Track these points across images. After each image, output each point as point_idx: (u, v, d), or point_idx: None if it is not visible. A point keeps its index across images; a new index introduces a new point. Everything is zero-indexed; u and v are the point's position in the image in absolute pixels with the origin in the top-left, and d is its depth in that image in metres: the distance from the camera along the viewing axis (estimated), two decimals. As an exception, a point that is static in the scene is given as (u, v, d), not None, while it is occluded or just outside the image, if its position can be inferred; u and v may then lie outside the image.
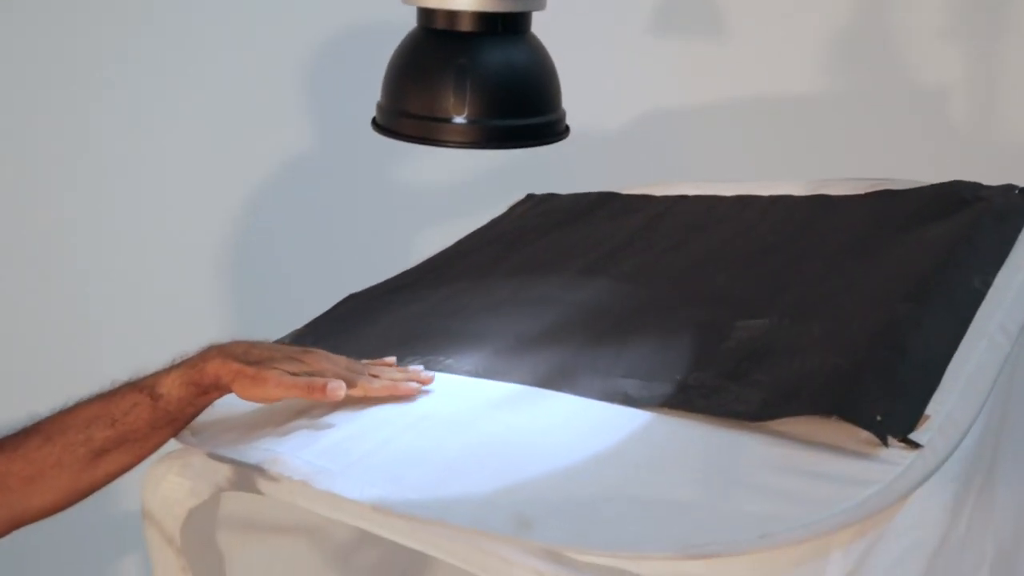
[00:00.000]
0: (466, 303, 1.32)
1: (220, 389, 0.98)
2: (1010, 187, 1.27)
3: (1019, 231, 1.17)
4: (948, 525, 0.89)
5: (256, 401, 0.99)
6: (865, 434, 0.84)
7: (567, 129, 1.07)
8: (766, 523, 0.77)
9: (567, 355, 1.10)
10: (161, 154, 1.96)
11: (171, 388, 0.96)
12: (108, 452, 0.95)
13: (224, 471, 1.11)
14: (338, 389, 0.96)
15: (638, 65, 2.19)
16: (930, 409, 0.88)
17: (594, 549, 0.78)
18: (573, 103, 1.03)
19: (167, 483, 1.23)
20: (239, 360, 0.97)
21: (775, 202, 1.42)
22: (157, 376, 0.98)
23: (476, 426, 0.99)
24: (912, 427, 0.85)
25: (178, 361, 1.00)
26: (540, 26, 1.04)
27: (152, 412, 0.96)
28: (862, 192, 1.37)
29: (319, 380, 0.96)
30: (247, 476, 1.08)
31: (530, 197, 1.69)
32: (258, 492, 1.07)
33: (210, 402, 1.00)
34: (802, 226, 1.32)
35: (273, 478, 1.02)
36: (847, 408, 0.86)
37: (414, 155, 2.15)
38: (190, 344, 1.04)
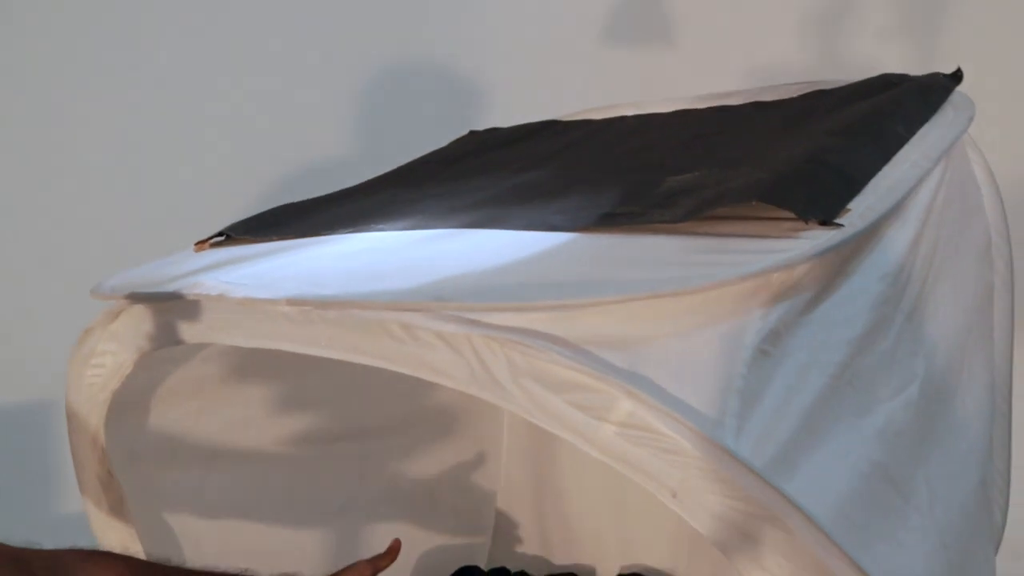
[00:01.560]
0: (401, 199, 1.31)
1: None
2: (936, 73, 1.29)
3: (942, 102, 1.19)
4: (873, 326, 0.88)
5: None
6: (788, 223, 0.84)
7: None
8: (685, 281, 0.76)
9: (498, 209, 1.09)
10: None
11: None
12: None
13: (145, 327, 1.08)
14: None
15: (593, 72, 2.21)
16: (851, 205, 0.88)
17: (513, 303, 0.76)
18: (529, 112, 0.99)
19: (90, 370, 1.19)
20: None
21: (712, 111, 1.43)
22: None
23: (403, 252, 0.98)
24: (833, 215, 0.85)
25: None
26: (503, 34, 1.02)
27: None
28: (795, 95, 1.38)
29: None
30: (167, 326, 1.05)
31: (472, 133, 1.69)
32: (179, 341, 1.04)
33: None
34: (735, 121, 1.34)
35: (191, 313, 0.99)
36: (769, 195, 0.86)
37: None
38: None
